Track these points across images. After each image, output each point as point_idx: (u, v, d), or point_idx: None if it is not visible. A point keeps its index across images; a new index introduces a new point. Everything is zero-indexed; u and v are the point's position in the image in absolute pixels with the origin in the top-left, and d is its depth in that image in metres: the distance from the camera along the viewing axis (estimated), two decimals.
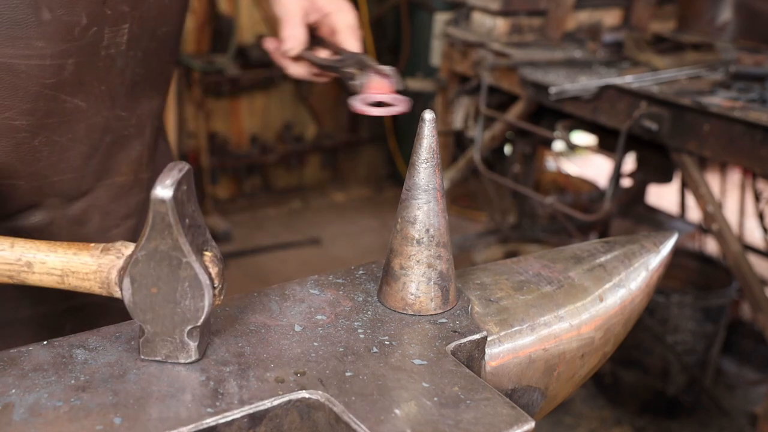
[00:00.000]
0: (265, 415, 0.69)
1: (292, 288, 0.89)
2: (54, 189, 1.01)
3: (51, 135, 0.95)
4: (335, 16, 1.07)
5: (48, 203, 1.02)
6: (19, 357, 0.73)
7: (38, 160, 0.97)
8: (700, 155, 2.32)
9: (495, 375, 0.85)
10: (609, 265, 1.01)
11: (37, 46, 0.87)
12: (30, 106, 0.91)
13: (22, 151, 0.94)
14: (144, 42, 0.97)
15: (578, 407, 2.94)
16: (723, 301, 2.76)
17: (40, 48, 0.87)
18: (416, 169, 0.83)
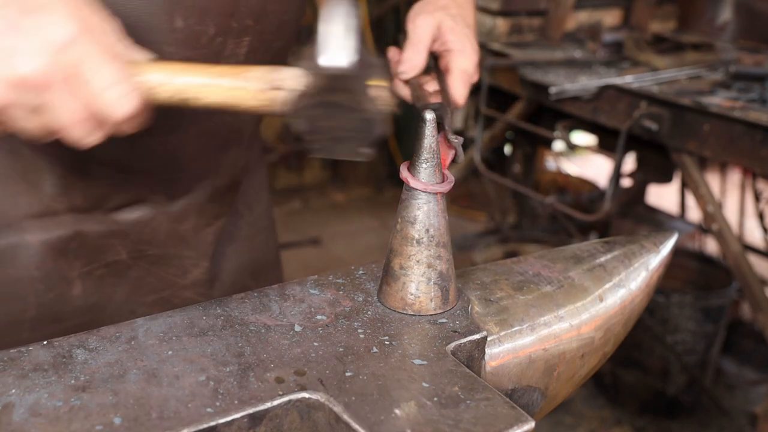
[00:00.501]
0: (265, 415, 0.69)
1: (292, 288, 0.89)
2: (161, 187, 1.04)
3: (167, 135, 0.99)
4: (455, 56, 1.05)
5: (153, 200, 1.05)
6: (19, 357, 0.73)
7: (151, 159, 1.00)
8: (700, 155, 2.32)
9: (495, 375, 0.85)
10: (609, 265, 1.01)
11: (167, 51, 0.91)
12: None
13: (139, 149, 0.97)
14: (260, 54, 1.00)
15: (578, 407, 2.94)
16: (723, 301, 2.75)
17: (170, 53, 0.91)
18: (416, 170, 0.83)
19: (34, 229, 0.98)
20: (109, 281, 1.06)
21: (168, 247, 1.09)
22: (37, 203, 0.98)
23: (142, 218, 1.05)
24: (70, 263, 1.02)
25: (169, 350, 0.76)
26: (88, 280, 1.04)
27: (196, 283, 1.13)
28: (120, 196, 1.02)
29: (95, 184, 0.99)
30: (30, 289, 1.00)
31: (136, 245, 1.06)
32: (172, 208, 1.08)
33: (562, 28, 3.04)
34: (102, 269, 1.05)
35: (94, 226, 1.02)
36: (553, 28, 3.02)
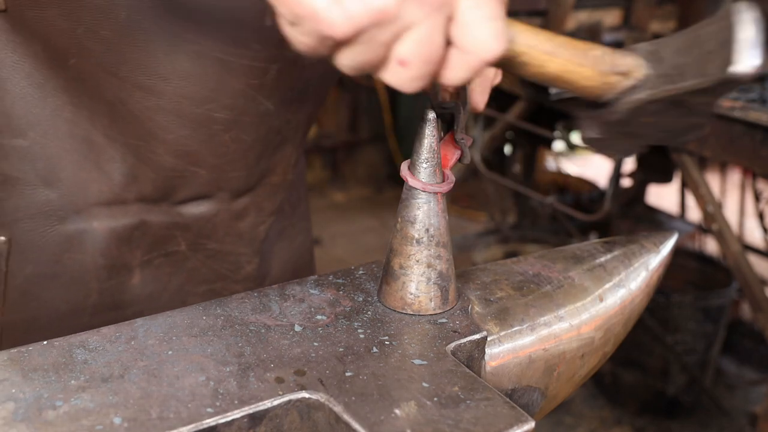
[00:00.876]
0: (265, 415, 0.69)
1: (292, 288, 0.89)
2: (228, 184, 1.06)
3: (240, 133, 1.00)
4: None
5: (218, 196, 1.07)
6: (19, 357, 0.73)
7: (224, 155, 1.01)
8: (700, 155, 2.32)
9: (495, 375, 0.85)
10: (609, 265, 1.01)
11: (254, 48, 0.92)
12: (231, 102, 0.96)
13: (213, 143, 0.99)
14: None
15: (578, 407, 2.94)
16: (723, 301, 2.76)
17: (256, 50, 0.92)
18: (416, 169, 0.83)
19: (102, 216, 1.00)
20: (166, 271, 1.07)
21: (226, 243, 1.11)
22: (107, 191, 0.99)
23: (206, 213, 1.07)
24: (132, 252, 1.03)
25: (169, 350, 0.76)
26: (146, 268, 1.05)
27: (247, 279, 1.16)
28: (188, 190, 1.03)
29: (165, 176, 1.00)
30: (93, 276, 1.02)
31: (196, 238, 1.08)
32: (235, 205, 1.09)
33: (562, 28, 3.04)
34: (161, 258, 1.06)
35: (158, 217, 1.03)
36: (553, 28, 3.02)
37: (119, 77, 0.91)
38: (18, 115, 0.92)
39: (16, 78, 0.91)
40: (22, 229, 0.97)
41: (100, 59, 0.90)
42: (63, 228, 0.98)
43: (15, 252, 0.97)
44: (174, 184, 1.02)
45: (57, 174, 0.96)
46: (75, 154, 0.96)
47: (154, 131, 0.96)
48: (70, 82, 0.92)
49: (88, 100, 0.93)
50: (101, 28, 0.88)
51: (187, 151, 0.99)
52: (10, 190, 0.96)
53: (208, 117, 0.97)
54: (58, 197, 0.97)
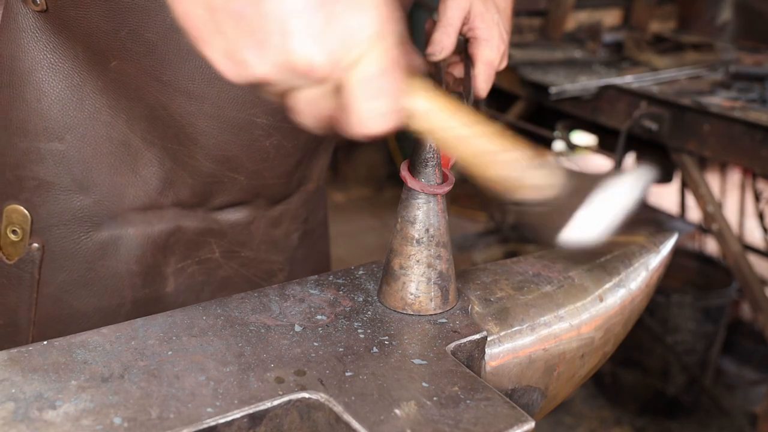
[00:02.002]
0: (265, 415, 0.69)
1: (292, 288, 0.89)
2: (266, 191, 1.05)
3: (281, 139, 0.99)
4: (481, 45, 1.02)
5: (256, 203, 1.05)
6: (19, 357, 0.73)
7: (264, 161, 1.00)
8: (700, 155, 2.32)
9: (495, 375, 0.85)
10: (609, 265, 1.01)
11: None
12: (273, 107, 0.94)
13: (253, 149, 0.97)
14: None
15: (578, 407, 2.94)
16: (723, 301, 2.76)
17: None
18: (416, 169, 0.83)
19: (137, 222, 0.98)
20: (199, 279, 1.06)
21: (261, 251, 1.10)
22: (143, 196, 0.97)
23: (242, 220, 1.05)
24: (166, 259, 1.02)
25: (169, 350, 0.76)
26: (180, 276, 1.04)
27: None
28: (225, 196, 1.02)
29: (204, 181, 0.99)
30: (128, 283, 1.00)
31: (230, 245, 1.06)
32: (271, 213, 1.08)
33: (562, 28, 3.04)
34: (194, 266, 1.05)
35: (194, 223, 1.02)
36: (553, 28, 3.02)
37: (161, 81, 0.90)
38: (55, 118, 0.91)
39: (54, 80, 0.90)
40: (56, 235, 0.95)
41: (142, 62, 0.89)
42: (97, 234, 0.97)
43: (48, 259, 0.96)
44: (212, 189, 1.00)
45: (93, 179, 0.94)
46: (111, 158, 0.94)
47: (194, 136, 0.94)
48: (110, 85, 0.91)
49: (127, 103, 0.92)
50: (145, 30, 0.86)
51: (227, 156, 0.97)
52: (44, 196, 0.94)
53: (250, 122, 0.95)
54: (93, 203, 0.95)
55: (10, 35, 0.88)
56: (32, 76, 0.89)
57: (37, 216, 0.94)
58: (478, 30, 1.03)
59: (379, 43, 0.58)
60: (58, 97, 0.90)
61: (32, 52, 0.88)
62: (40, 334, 0.97)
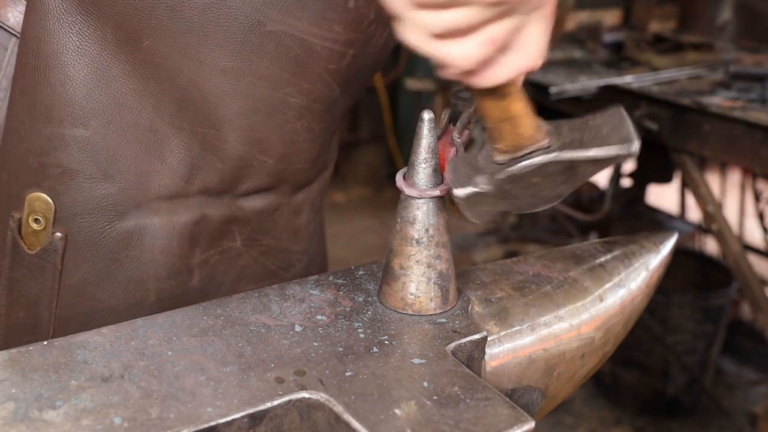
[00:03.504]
0: (265, 415, 0.69)
1: (292, 288, 0.89)
2: (292, 176, 1.03)
3: (311, 121, 0.98)
4: None
5: (281, 190, 1.04)
6: (19, 357, 0.73)
7: (294, 143, 0.98)
8: (700, 155, 2.32)
9: (495, 375, 0.85)
10: (609, 265, 1.01)
11: (336, 31, 0.90)
12: (308, 87, 0.94)
13: (285, 131, 0.96)
14: (392, 42, 1.00)
15: (578, 407, 2.94)
16: (723, 301, 2.76)
17: (338, 33, 0.91)
18: (415, 170, 0.83)
19: (163, 211, 0.96)
20: (221, 270, 1.04)
21: (282, 240, 1.08)
22: (169, 184, 0.95)
23: (267, 207, 1.04)
24: (192, 250, 0.99)
25: (169, 350, 0.76)
26: (204, 268, 1.02)
27: (295, 277, 1.12)
28: (253, 180, 1.00)
29: (233, 165, 0.97)
30: (152, 274, 0.98)
31: (253, 233, 1.05)
32: (294, 200, 1.07)
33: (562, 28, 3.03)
34: (217, 256, 1.03)
35: (219, 210, 1.00)
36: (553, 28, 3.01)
37: (198, 60, 0.88)
38: (80, 103, 0.88)
39: (80, 63, 0.87)
40: (80, 225, 0.92)
41: (179, 40, 0.87)
42: (122, 224, 0.94)
43: (70, 249, 0.93)
44: (240, 174, 0.98)
45: (117, 166, 0.92)
46: (137, 144, 0.92)
47: (227, 117, 0.92)
48: (137, 68, 0.89)
49: (156, 86, 0.90)
50: (185, 6, 0.84)
51: (259, 138, 0.95)
52: (68, 183, 0.91)
53: (283, 102, 0.93)
54: (118, 191, 0.93)
55: (36, 17, 0.86)
56: (57, 59, 0.87)
57: (61, 204, 0.92)
58: None
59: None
60: (83, 82, 0.88)
61: (58, 35, 0.87)
62: (62, 327, 0.95)
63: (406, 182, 0.83)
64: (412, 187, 0.82)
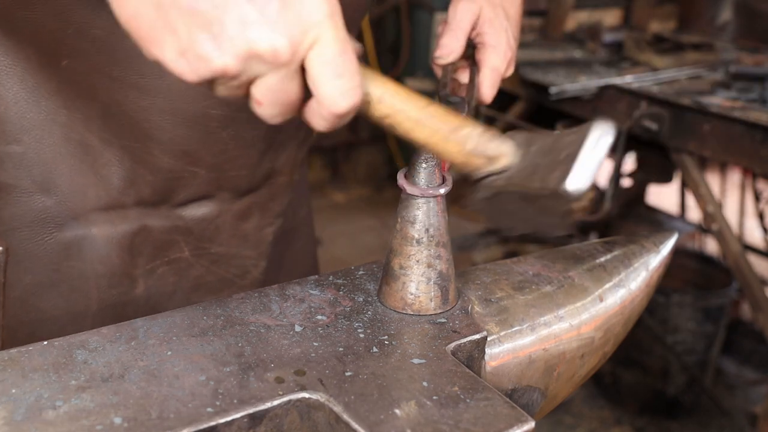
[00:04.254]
0: (265, 415, 0.69)
1: (292, 288, 0.89)
2: (229, 183, 1.04)
3: (239, 129, 0.98)
4: (488, 51, 1.03)
5: (220, 197, 1.04)
6: (19, 357, 0.73)
7: (222, 153, 0.99)
8: (700, 155, 2.32)
9: (495, 375, 0.85)
10: (609, 265, 1.01)
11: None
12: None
13: (210, 141, 0.97)
14: None
15: (578, 407, 2.94)
16: (723, 301, 2.75)
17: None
18: (416, 170, 0.83)
19: (100, 222, 0.98)
20: (170, 280, 1.05)
21: (230, 246, 1.09)
22: (104, 196, 0.97)
23: (208, 215, 1.04)
24: (134, 260, 1.01)
25: (169, 350, 0.76)
26: (150, 278, 1.03)
27: (254, 283, 1.13)
28: (188, 191, 1.01)
29: (164, 178, 0.98)
30: (93, 284, 0.99)
31: (199, 242, 1.06)
32: (237, 206, 1.07)
33: (562, 28, 3.04)
34: (164, 267, 1.04)
35: (159, 221, 1.01)
36: (553, 28, 3.02)
37: (112, 77, 0.90)
38: (12, 121, 0.91)
39: (10, 82, 0.90)
40: (20, 237, 0.95)
41: (92, 60, 0.89)
42: (61, 235, 0.97)
43: (12, 262, 0.94)
44: (173, 186, 1.00)
45: (53, 180, 0.95)
46: (71, 158, 0.94)
47: (150, 132, 0.94)
48: (63, 85, 0.91)
49: (81, 102, 0.92)
50: (91, 27, 0.86)
51: (185, 150, 0.97)
52: (5, 198, 0.94)
53: (204, 114, 0.95)
54: (55, 204, 0.95)
55: None
56: None
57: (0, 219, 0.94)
58: (487, 36, 1.03)
59: (333, 24, 0.61)
60: (14, 100, 0.90)
61: None
62: (10, 338, 0.96)
63: (407, 181, 0.83)
64: (413, 186, 0.82)
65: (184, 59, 0.60)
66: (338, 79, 0.62)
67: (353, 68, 0.63)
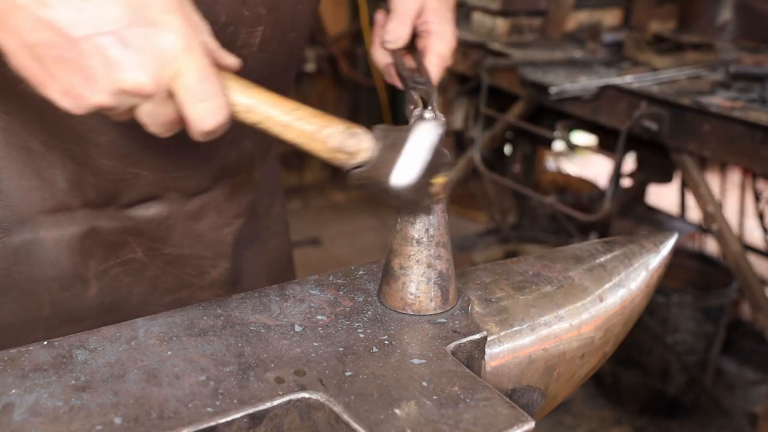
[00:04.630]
0: (265, 415, 0.69)
1: (292, 288, 0.89)
2: (176, 184, 1.03)
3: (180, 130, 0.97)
4: (433, 39, 1.05)
5: (168, 197, 1.04)
6: (19, 357, 0.73)
7: (166, 153, 0.99)
8: (700, 155, 2.32)
9: (495, 375, 0.85)
10: (609, 265, 1.01)
11: None
12: None
13: (150, 143, 0.96)
14: (273, 45, 0.99)
15: (578, 407, 2.94)
16: (723, 301, 2.75)
17: None
18: None
19: (48, 225, 0.97)
20: (125, 281, 1.05)
21: (184, 247, 1.08)
22: (50, 198, 0.97)
23: (157, 216, 1.04)
24: (85, 262, 1.01)
25: (169, 350, 0.76)
26: (103, 279, 1.03)
27: (214, 285, 1.12)
28: (133, 192, 1.01)
29: (107, 179, 0.98)
30: (44, 288, 0.99)
31: (151, 243, 1.05)
32: (188, 206, 1.06)
33: (562, 28, 3.04)
34: (117, 268, 1.04)
35: (108, 223, 1.01)
36: (553, 28, 3.02)
37: None
38: None
39: None
40: None
41: None
42: (9, 240, 0.96)
43: None
44: (117, 187, 0.99)
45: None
46: (14, 162, 0.94)
47: (86, 135, 0.93)
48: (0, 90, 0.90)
49: (17, 105, 0.91)
50: None
51: (124, 153, 0.96)
52: None
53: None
54: (1, 209, 0.95)
55: None
56: None
57: None
58: (431, 24, 1.06)
59: (190, 56, 0.69)
60: None
61: None
62: None
63: None
64: None
65: (67, 97, 0.69)
66: (201, 103, 0.71)
67: (215, 91, 0.71)
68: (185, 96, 0.70)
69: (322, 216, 4.57)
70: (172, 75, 0.69)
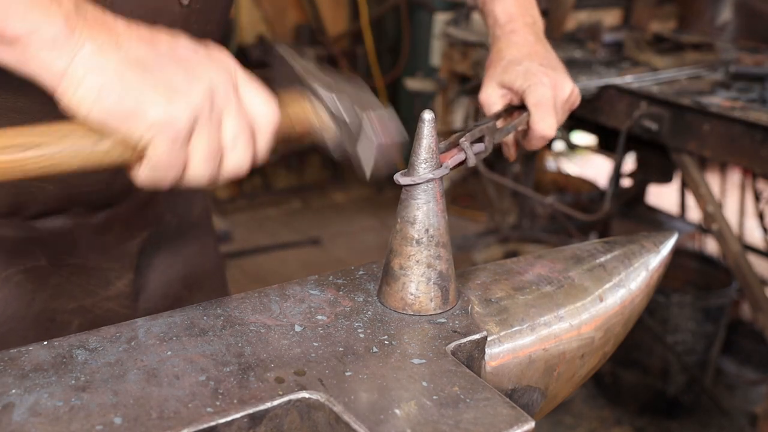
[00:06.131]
0: (265, 415, 0.69)
1: (292, 288, 0.89)
2: (81, 198, 1.02)
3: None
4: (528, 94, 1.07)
5: (73, 211, 1.03)
6: (19, 357, 0.73)
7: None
8: (700, 155, 2.32)
9: (495, 375, 0.85)
10: (609, 265, 1.01)
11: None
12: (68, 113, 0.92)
13: None
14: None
15: (578, 407, 2.94)
16: (723, 301, 2.75)
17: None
18: (415, 170, 0.83)
19: None
20: (28, 287, 1.04)
21: (89, 258, 1.08)
22: None
23: (62, 228, 1.03)
24: None
25: (169, 350, 0.76)
26: (6, 286, 1.02)
27: (120, 295, 1.12)
28: (38, 205, 1.00)
29: (10, 192, 0.97)
30: None
31: (56, 253, 1.05)
32: (94, 220, 1.06)
33: (562, 28, 3.04)
34: (20, 275, 1.03)
35: (12, 231, 1.01)
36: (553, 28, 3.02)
37: None
38: None
39: None
40: None
41: None
42: None
43: None
44: (22, 200, 0.99)
45: None
46: None
47: None
48: None
49: None
50: None
51: None
52: None
53: None
54: None
55: None
56: None
57: None
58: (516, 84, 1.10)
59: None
60: None
61: None
62: None
63: (402, 176, 0.83)
64: (405, 176, 0.83)
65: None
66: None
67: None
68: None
69: (322, 216, 4.57)
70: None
